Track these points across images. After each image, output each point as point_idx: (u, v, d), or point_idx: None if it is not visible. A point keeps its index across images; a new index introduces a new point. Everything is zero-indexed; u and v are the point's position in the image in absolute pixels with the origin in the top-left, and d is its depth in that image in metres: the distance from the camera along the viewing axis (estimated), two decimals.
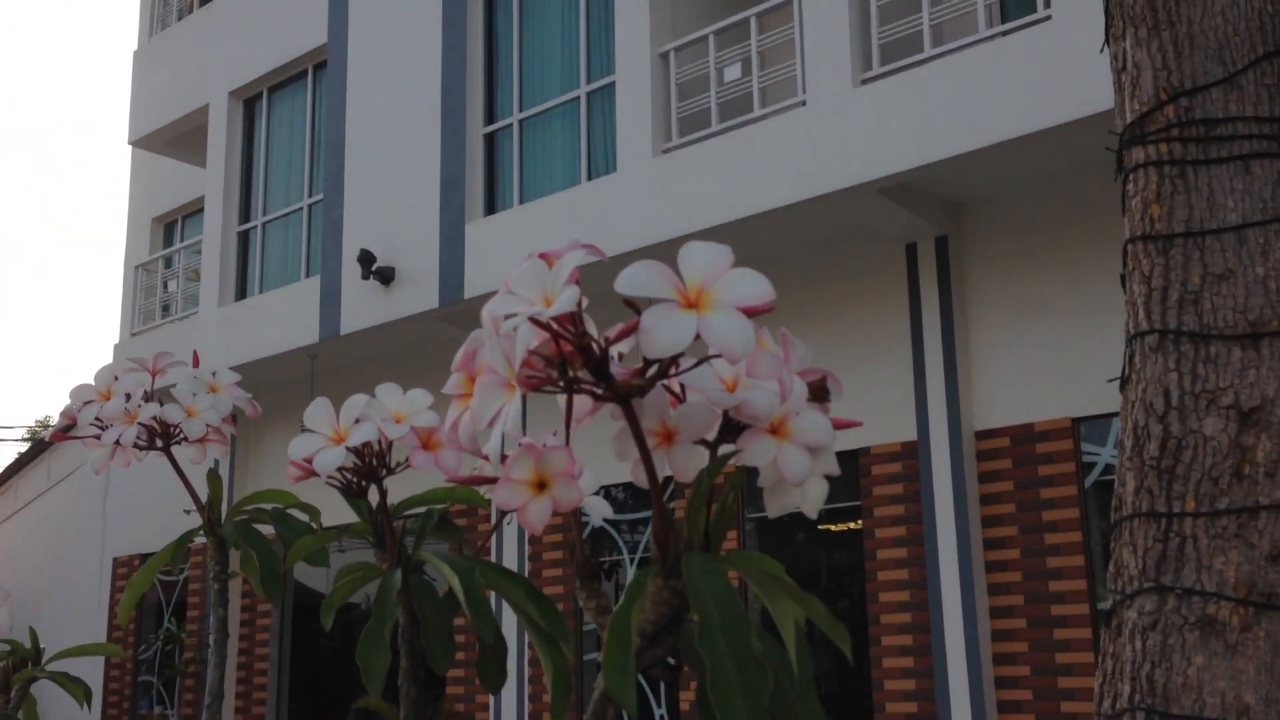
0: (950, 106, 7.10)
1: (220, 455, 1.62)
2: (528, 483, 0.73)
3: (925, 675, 7.66)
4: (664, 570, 0.74)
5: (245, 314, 11.70)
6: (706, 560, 0.72)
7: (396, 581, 0.98)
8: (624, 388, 0.71)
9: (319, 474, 0.94)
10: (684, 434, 0.78)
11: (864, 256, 8.42)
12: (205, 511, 1.55)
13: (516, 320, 0.66)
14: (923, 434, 7.84)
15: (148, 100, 13.56)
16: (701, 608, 0.69)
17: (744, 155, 7.97)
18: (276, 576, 1.48)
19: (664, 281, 0.67)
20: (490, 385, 0.68)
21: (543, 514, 0.72)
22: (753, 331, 0.67)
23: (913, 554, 7.83)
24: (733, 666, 0.67)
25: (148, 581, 1.53)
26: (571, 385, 0.71)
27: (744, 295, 0.67)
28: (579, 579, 0.80)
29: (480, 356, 0.71)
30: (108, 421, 1.49)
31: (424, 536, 1.07)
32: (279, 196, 12.23)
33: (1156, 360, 2.08)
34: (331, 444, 0.94)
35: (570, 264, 0.67)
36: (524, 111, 9.94)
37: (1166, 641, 1.93)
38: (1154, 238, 2.12)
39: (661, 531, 0.75)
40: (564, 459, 0.73)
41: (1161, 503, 2.02)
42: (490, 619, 0.95)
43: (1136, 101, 2.22)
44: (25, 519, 17.03)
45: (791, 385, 0.75)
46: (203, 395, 1.51)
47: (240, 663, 12.61)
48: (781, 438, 0.79)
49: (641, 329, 0.65)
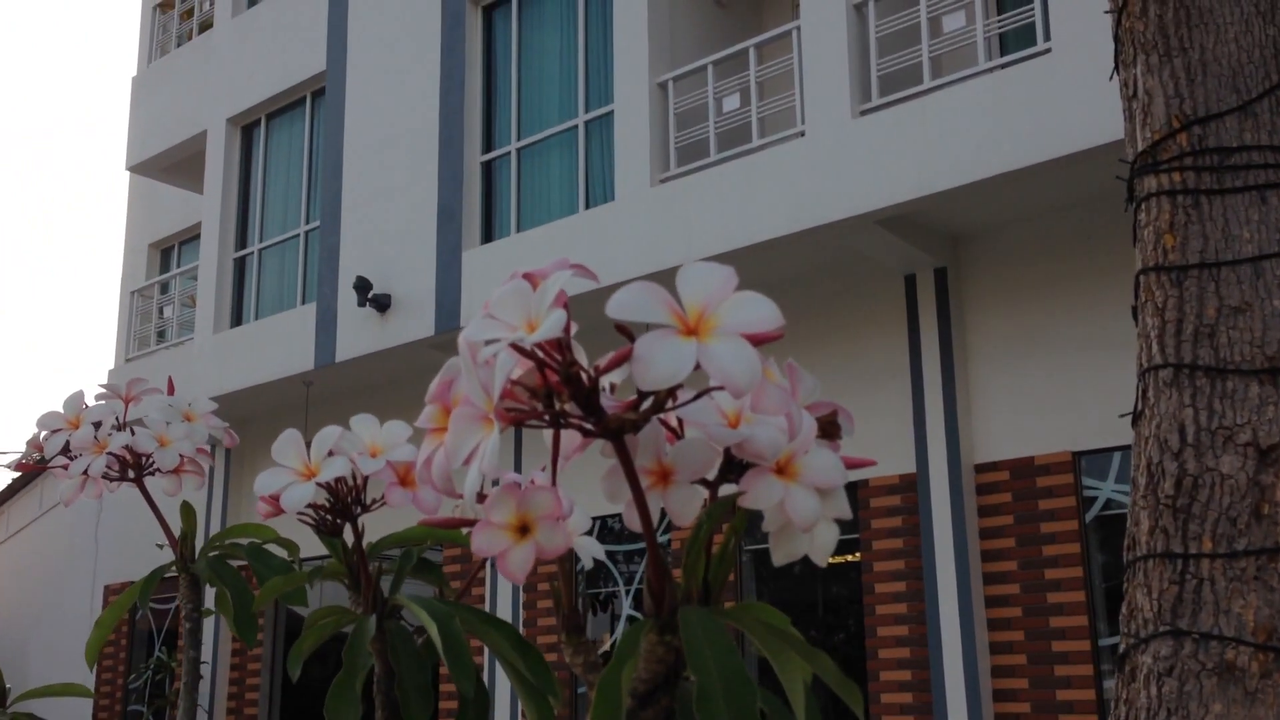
0: (949, 138, 7.07)
1: (196, 487, 1.55)
2: (508, 526, 0.66)
3: (924, 711, 7.55)
4: (659, 625, 0.67)
5: (241, 341, 11.63)
6: (706, 615, 0.64)
7: (370, 629, 0.91)
8: (615, 422, 0.64)
9: (287, 511, 0.87)
10: (682, 473, 0.71)
11: (862, 287, 8.37)
12: (178, 546, 1.48)
13: (496, 347, 0.59)
14: (922, 467, 7.76)
15: (146, 126, 13.54)
16: (701, 668, 0.61)
17: (742, 185, 7.93)
18: (252, 617, 1.41)
19: (661, 305, 0.61)
20: (466, 418, 0.61)
21: (525, 561, 0.65)
22: (759, 362, 0.60)
23: (911, 588, 7.73)
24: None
25: (116, 620, 1.45)
26: (558, 419, 0.64)
27: (749, 321, 0.60)
28: (565, 632, 0.73)
29: (456, 387, 0.64)
30: (76, 451, 1.42)
31: (402, 579, 1.00)
32: (276, 223, 12.19)
33: (1171, 395, 2.01)
34: (301, 479, 0.88)
35: (556, 285, 0.61)
36: (522, 140, 9.91)
37: (1183, 688, 1.85)
38: (1168, 269, 2.06)
39: (656, 581, 0.68)
40: (549, 501, 0.66)
41: (1177, 543, 1.94)
42: (470, 670, 0.88)
43: (1148, 130, 2.16)
44: (17, 546, 16.89)
45: (801, 421, 0.68)
46: (177, 424, 1.44)
47: (231, 693, 12.46)
48: (789, 478, 0.72)
49: (635, 358, 0.59)
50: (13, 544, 17.01)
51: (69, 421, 1.42)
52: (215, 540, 1.49)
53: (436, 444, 0.65)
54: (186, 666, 1.40)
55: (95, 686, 14.45)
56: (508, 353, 0.59)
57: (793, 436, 0.68)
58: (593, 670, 0.72)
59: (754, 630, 0.67)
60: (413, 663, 0.92)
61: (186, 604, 1.43)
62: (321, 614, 0.95)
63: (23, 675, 15.29)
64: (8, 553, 17.10)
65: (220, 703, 12.46)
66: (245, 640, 1.38)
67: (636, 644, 0.66)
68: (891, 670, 7.74)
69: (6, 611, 16.57)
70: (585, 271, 0.70)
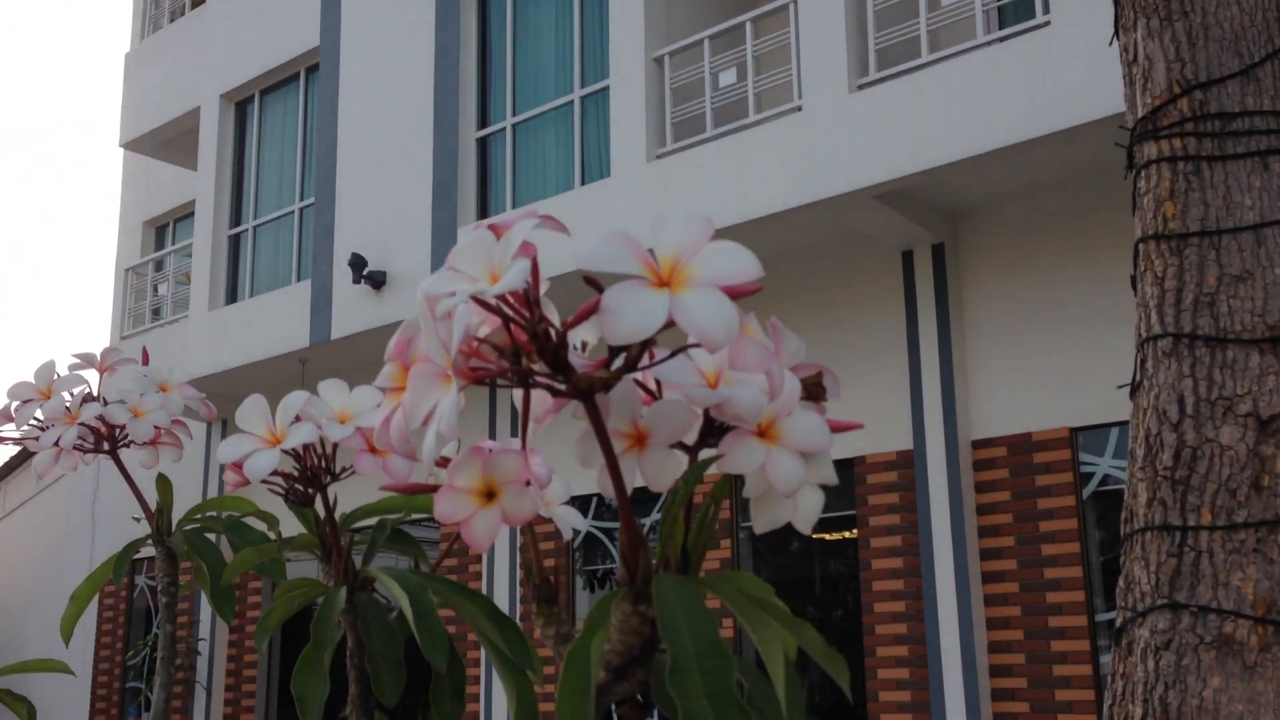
0: (947, 112, 7.01)
1: (174, 460, 1.52)
2: (473, 492, 0.62)
3: (921, 687, 7.55)
4: (632, 594, 0.64)
5: (236, 318, 11.58)
6: (680, 583, 0.61)
7: (339, 601, 0.88)
8: (585, 381, 0.61)
9: (250, 480, 0.84)
10: (658, 436, 0.68)
11: (860, 263, 8.33)
12: (154, 520, 1.44)
13: (455, 299, 0.55)
14: (919, 443, 7.74)
15: (139, 102, 13.45)
16: (673, 638, 0.58)
17: (739, 161, 7.88)
18: (230, 592, 1.38)
19: (632, 256, 0.57)
20: (425, 376, 0.58)
21: (490, 528, 0.62)
22: (735, 315, 0.57)
23: (908, 564, 7.72)
24: (710, 711, 0.56)
25: (90, 596, 1.42)
26: (525, 378, 0.61)
27: (725, 272, 0.57)
28: (536, 602, 0.70)
29: (415, 344, 0.61)
30: (48, 422, 1.39)
31: (374, 550, 0.96)
32: (270, 200, 12.12)
33: (1170, 365, 1.97)
34: (266, 446, 0.84)
35: (520, 234, 0.57)
36: (517, 116, 9.84)
37: (1181, 662, 1.82)
38: (1167, 237, 2.01)
39: (630, 549, 0.65)
40: (515, 464, 0.63)
41: (1175, 515, 1.91)
42: (443, 642, 0.84)
43: (1148, 95, 2.11)
44: (14, 524, 16.88)
45: (782, 380, 0.65)
46: (151, 395, 1.40)
47: (229, 670, 12.47)
48: (770, 441, 0.69)
49: (602, 310, 0.55)
50: (9, 522, 17.01)
51: (40, 392, 1.39)
52: (192, 513, 1.46)
53: (395, 404, 0.61)
54: (163, 641, 1.37)
55: (94, 664, 14.47)
56: (467, 305, 0.56)
57: (774, 396, 0.64)
58: (565, 643, 0.69)
59: (732, 600, 0.63)
60: (385, 636, 0.89)
61: (163, 578, 1.40)
62: (290, 586, 0.92)
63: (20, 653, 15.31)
64: (4, 531, 17.10)
65: (218, 679, 12.48)
66: (223, 615, 1.35)
67: (607, 614, 0.63)
68: (888, 646, 7.73)
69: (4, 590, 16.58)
70: (555, 223, 0.66)
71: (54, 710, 14.83)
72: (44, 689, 14.91)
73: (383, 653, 0.87)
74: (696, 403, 0.66)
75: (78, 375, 1.42)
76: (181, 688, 13.01)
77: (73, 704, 14.63)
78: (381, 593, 0.97)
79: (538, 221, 0.58)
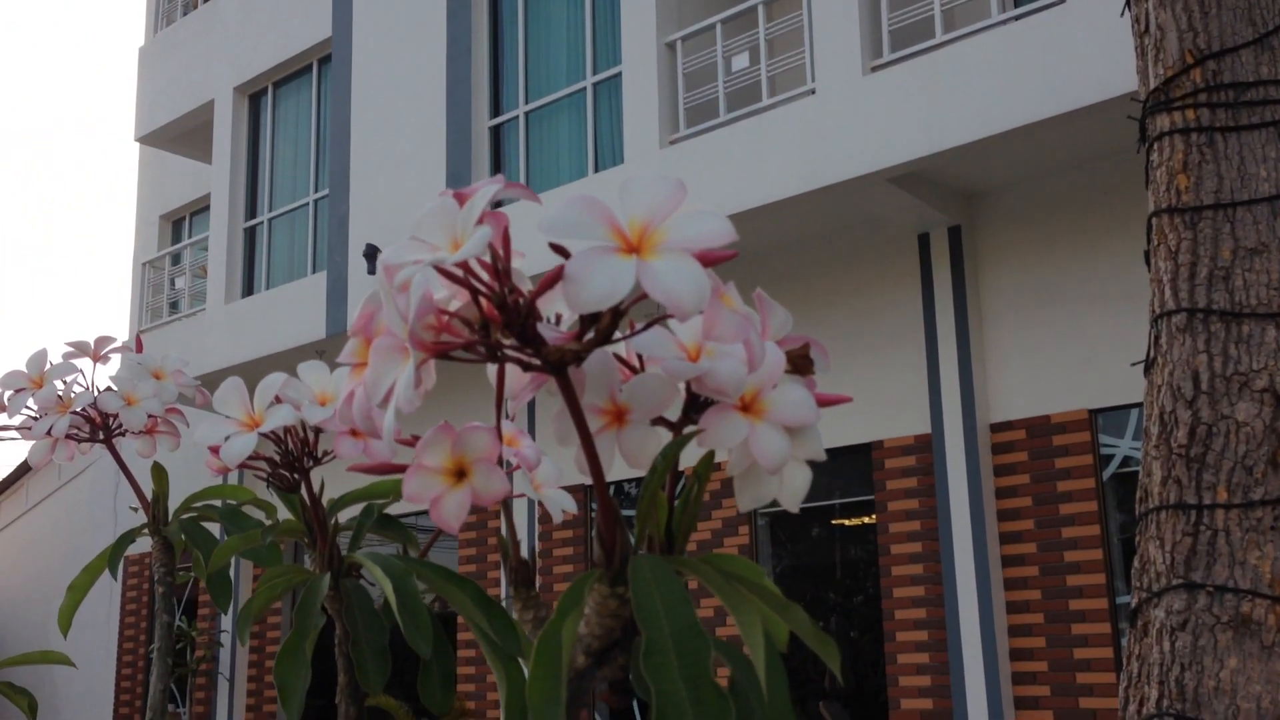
0: (962, 93, 6.95)
1: (171, 449, 1.50)
2: (442, 471, 0.60)
3: (941, 671, 7.51)
4: (609, 575, 0.62)
5: (253, 310, 11.61)
6: (657, 563, 0.59)
7: (322, 589, 0.85)
8: (555, 354, 0.58)
9: (227, 465, 0.82)
10: (637, 412, 0.65)
11: (875, 247, 8.27)
12: (150, 509, 1.43)
13: (413, 269, 0.53)
14: (937, 427, 7.69)
15: (153, 96, 13.48)
16: (649, 622, 0.56)
17: (752, 145, 7.83)
18: (227, 583, 1.36)
19: (598, 221, 0.55)
20: (386, 350, 0.55)
21: (459, 508, 0.60)
22: (707, 281, 0.54)
23: (927, 548, 7.68)
24: (687, 695, 0.54)
25: (87, 586, 1.40)
26: (492, 351, 0.58)
27: (696, 236, 0.54)
28: (513, 586, 0.68)
29: (378, 318, 0.59)
30: (41, 410, 1.37)
31: (361, 535, 0.94)
32: (285, 192, 12.13)
33: (1184, 341, 1.93)
34: (244, 430, 0.82)
35: (483, 200, 0.55)
36: (530, 104, 9.81)
37: (1197, 642, 1.79)
38: (1181, 210, 1.97)
39: (607, 529, 0.62)
40: (486, 441, 0.60)
41: (1191, 494, 1.87)
42: (427, 629, 0.82)
43: (1160, 66, 2.07)
44: (37, 518, 17.00)
45: (762, 351, 0.62)
46: (145, 382, 1.39)
47: (252, 659, 12.53)
48: (754, 416, 0.66)
49: (566, 277, 0.53)
50: (32, 517, 17.13)
51: (32, 380, 1.37)
52: (189, 502, 1.44)
53: (358, 381, 0.59)
54: (159, 632, 1.36)
55: (118, 656, 14.57)
56: (425, 272, 0.53)
57: (753, 368, 0.62)
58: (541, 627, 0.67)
59: (713, 582, 0.61)
60: (370, 623, 0.87)
61: (159, 567, 1.39)
62: (274, 574, 0.90)
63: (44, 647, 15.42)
64: (28, 526, 17.22)
65: (241, 670, 12.54)
66: (219, 606, 1.34)
67: (581, 597, 0.60)
68: (908, 631, 7.70)
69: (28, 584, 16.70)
70: (524, 191, 0.64)
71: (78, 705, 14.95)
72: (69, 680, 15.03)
73: (367, 640, 0.85)
74: (675, 376, 0.64)
75: (70, 364, 1.40)
76: (205, 678, 13.09)
77: (97, 695, 14.74)
78: (369, 579, 0.95)
79: (501, 186, 0.56)
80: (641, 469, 0.67)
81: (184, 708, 13.64)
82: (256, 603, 0.88)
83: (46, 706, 15.27)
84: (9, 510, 17.70)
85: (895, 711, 7.71)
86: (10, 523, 17.59)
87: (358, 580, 0.92)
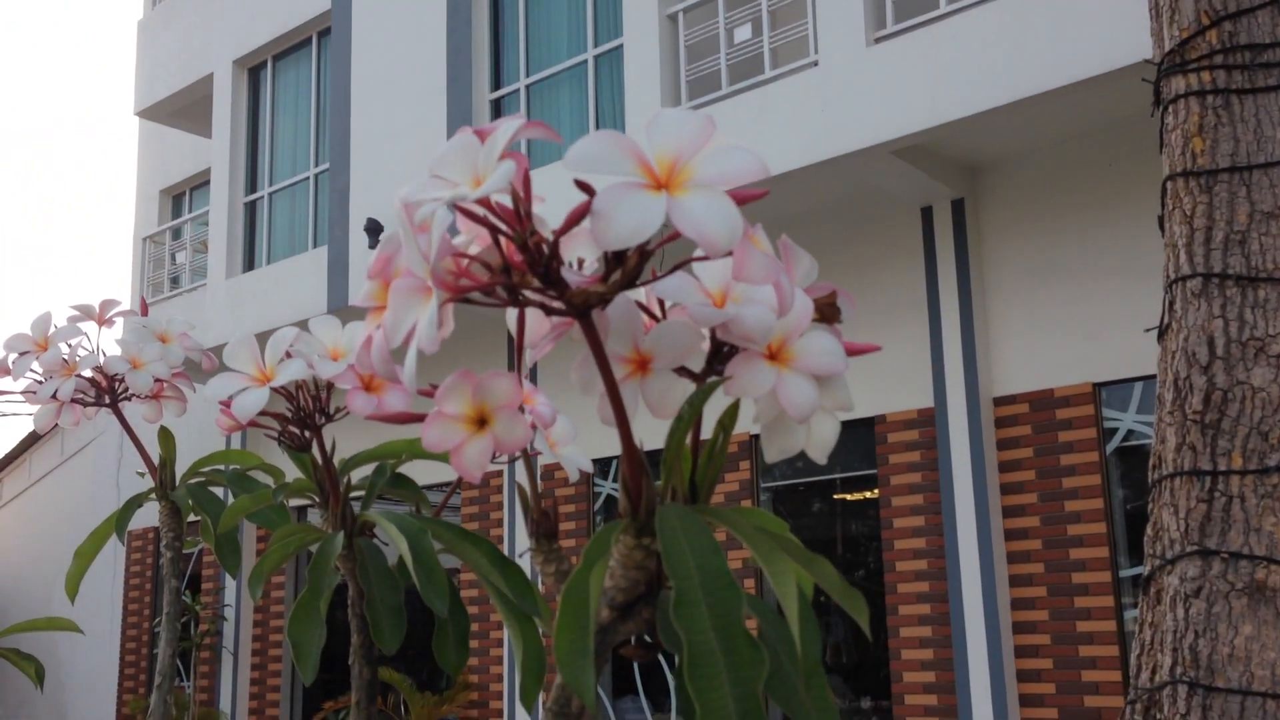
0: (966, 64, 6.90)
1: (178, 414, 1.49)
2: (463, 418, 0.58)
3: (944, 645, 7.53)
4: (635, 526, 0.60)
5: (253, 285, 11.58)
6: (685, 513, 0.57)
7: (336, 547, 0.84)
8: (580, 297, 0.56)
9: (239, 420, 0.80)
10: (661, 359, 0.64)
11: (878, 220, 8.24)
12: (157, 473, 1.41)
13: (432, 206, 0.51)
14: (940, 401, 7.68)
15: (152, 70, 13.41)
16: (678, 571, 0.54)
17: (755, 118, 7.78)
18: (235, 546, 1.35)
19: (626, 156, 0.53)
20: (406, 291, 0.54)
21: (481, 455, 0.58)
22: (739, 217, 0.52)
23: (930, 523, 7.69)
24: (718, 645, 0.52)
25: (94, 552, 1.39)
26: (515, 294, 0.57)
27: (728, 172, 0.52)
28: (534, 538, 0.66)
29: (397, 260, 0.57)
30: (46, 374, 1.36)
31: (373, 494, 0.93)
32: (285, 166, 12.08)
33: (1199, 306, 1.90)
34: (255, 385, 0.80)
35: (505, 135, 0.53)
36: (531, 76, 9.75)
37: (1211, 609, 1.77)
38: (1196, 174, 1.94)
39: (633, 478, 0.61)
40: (508, 387, 0.59)
41: (1205, 460, 1.85)
42: (443, 587, 0.81)
43: (1175, 27, 2.04)
44: (40, 493, 17.02)
45: (791, 294, 0.60)
46: (150, 345, 1.37)
47: (255, 633, 12.56)
48: (781, 364, 0.64)
49: (593, 212, 0.51)
50: (36, 492, 17.15)
51: (36, 344, 1.35)
52: (197, 467, 1.42)
53: (377, 324, 0.57)
54: (167, 597, 1.35)
55: (121, 629, 14.62)
56: (446, 209, 0.51)
57: (783, 311, 0.60)
58: (565, 580, 0.65)
59: (743, 532, 0.59)
60: (384, 581, 0.85)
61: (167, 532, 1.37)
62: (286, 532, 0.88)
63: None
64: (31, 501, 17.24)
65: (245, 644, 12.58)
66: (228, 569, 1.32)
67: (606, 547, 0.59)
68: (911, 605, 7.71)
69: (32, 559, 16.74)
70: (546, 130, 0.62)
71: (83, 677, 15.01)
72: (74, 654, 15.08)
73: (382, 599, 0.83)
74: (701, 322, 0.62)
75: (75, 327, 1.38)
76: (209, 652, 13.13)
77: (102, 669, 14.80)
78: (382, 538, 0.94)
79: (523, 123, 0.54)
80: (666, 418, 0.65)
81: (188, 681, 13.69)
82: (269, 561, 0.86)
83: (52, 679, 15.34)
84: (12, 485, 17.73)
85: (898, 684, 7.73)
86: (14, 497, 17.62)
87: (371, 539, 0.90)
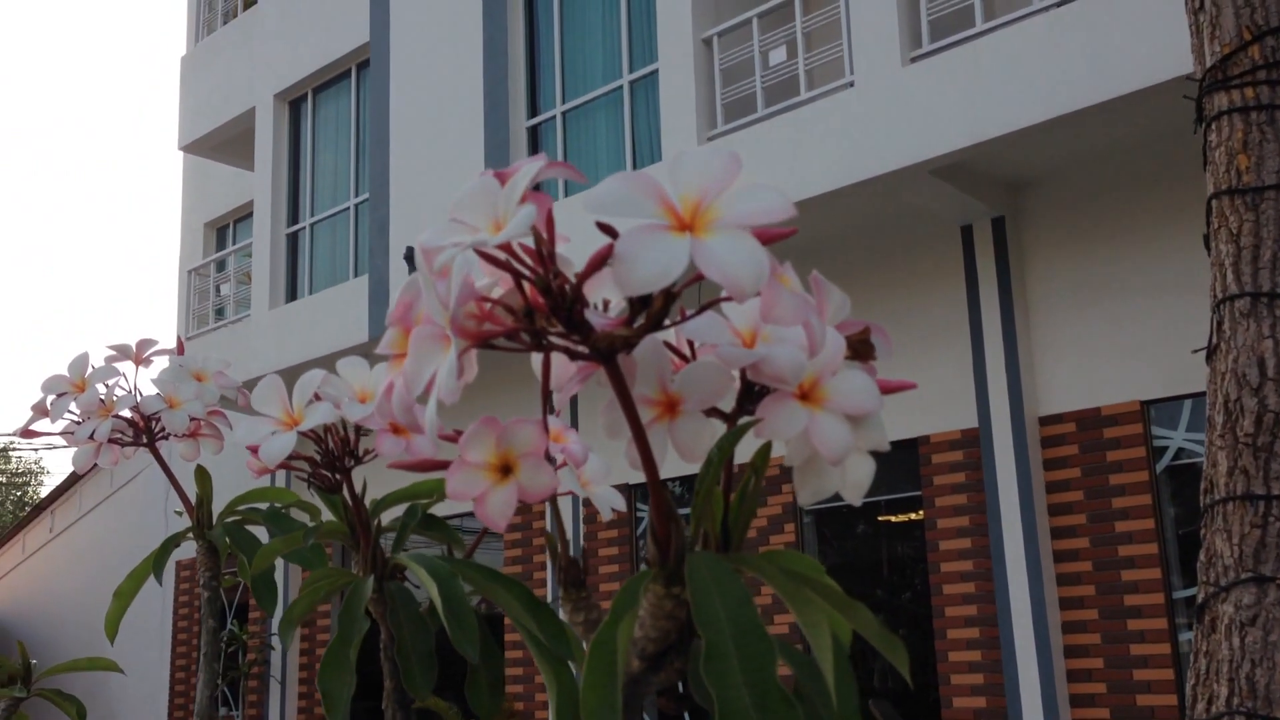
0: (1004, 82, 6.85)
1: (215, 451, 1.49)
2: (487, 466, 0.57)
3: (994, 669, 7.42)
4: (665, 575, 0.58)
5: (296, 315, 11.69)
6: (716, 561, 0.55)
7: (366, 591, 0.83)
8: (605, 340, 0.55)
9: (266, 465, 0.79)
10: (690, 402, 0.62)
11: (918, 240, 8.18)
12: (194, 513, 1.41)
13: (453, 251, 0.50)
14: (984, 421, 7.59)
15: (195, 105, 13.62)
16: (709, 624, 0.52)
17: (791, 139, 7.77)
18: (272, 585, 1.34)
19: (649, 198, 0.51)
20: (426, 339, 0.52)
21: (505, 505, 0.57)
22: (766, 259, 0.51)
23: (977, 544, 7.59)
24: (750, 702, 0.51)
25: (133, 592, 1.39)
26: (537, 338, 0.55)
27: (753, 212, 0.51)
28: (563, 587, 0.64)
29: (417, 306, 0.56)
30: (83, 415, 1.36)
31: (405, 536, 0.92)
32: (326, 197, 12.21)
33: (1248, 326, 1.86)
34: (283, 429, 0.79)
35: (525, 178, 0.52)
36: (567, 103, 9.81)
37: (1268, 638, 1.72)
38: (1242, 191, 1.90)
39: (661, 525, 0.59)
40: (532, 435, 0.57)
41: (1259, 484, 1.81)
42: (474, 632, 0.80)
43: (1217, 43, 2.00)
44: (89, 526, 17.23)
45: (822, 334, 0.59)
46: (186, 384, 1.37)
47: (303, 661, 12.62)
48: (814, 404, 0.63)
49: (615, 257, 0.49)
50: (85, 524, 17.36)
51: (74, 384, 1.36)
52: (234, 504, 1.42)
53: (397, 372, 0.56)
54: (204, 637, 1.34)
55: (171, 660, 14.73)
56: (467, 255, 0.50)
57: (814, 351, 0.58)
58: (595, 630, 0.64)
59: (773, 578, 0.58)
60: (415, 627, 0.84)
61: (204, 572, 1.37)
62: (317, 576, 0.87)
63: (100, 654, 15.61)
64: (80, 533, 17.46)
65: (292, 672, 12.64)
66: (264, 608, 1.32)
67: (635, 597, 0.57)
68: (959, 628, 7.61)
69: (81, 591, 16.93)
70: (570, 170, 0.60)
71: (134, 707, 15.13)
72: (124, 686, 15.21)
73: (413, 644, 0.82)
74: (730, 363, 0.60)
75: (112, 367, 1.39)
76: (256, 680, 13.20)
77: (153, 703, 14.91)
78: (413, 582, 0.93)
79: (543, 165, 0.53)
80: (695, 462, 0.63)
81: (237, 710, 13.77)
82: (299, 608, 0.86)
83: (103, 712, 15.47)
84: (63, 517, 17.96)
85: (947, 710, 7.63)
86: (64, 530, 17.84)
87: (402, 583, 0.89)
